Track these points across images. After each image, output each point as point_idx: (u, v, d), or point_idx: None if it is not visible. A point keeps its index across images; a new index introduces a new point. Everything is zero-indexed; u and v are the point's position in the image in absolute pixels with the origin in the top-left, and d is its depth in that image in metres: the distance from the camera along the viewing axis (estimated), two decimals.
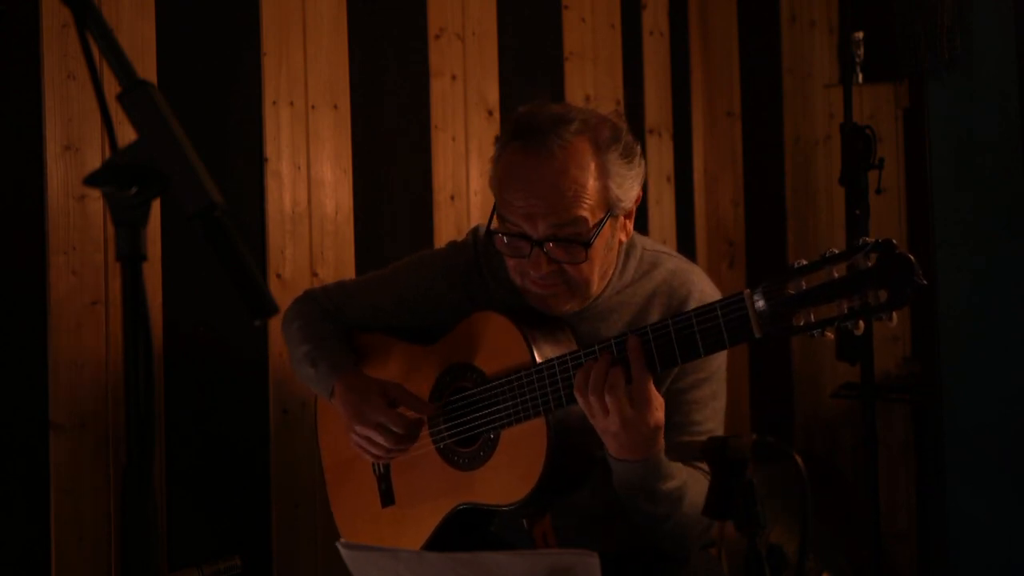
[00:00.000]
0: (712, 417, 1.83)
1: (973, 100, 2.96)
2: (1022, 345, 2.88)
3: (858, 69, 3.38)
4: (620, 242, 1.83)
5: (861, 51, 3.38)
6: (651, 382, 1.62)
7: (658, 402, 1.63)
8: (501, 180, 1.78)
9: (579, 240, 1.72)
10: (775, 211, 3.68)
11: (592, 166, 1.73)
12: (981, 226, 2.97)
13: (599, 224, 1.73)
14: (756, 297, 1.50)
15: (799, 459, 1.23)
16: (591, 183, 1.72)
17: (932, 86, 3.05)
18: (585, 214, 1.71)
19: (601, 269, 1.80)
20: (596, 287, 1.81)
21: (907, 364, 3.38)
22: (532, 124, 1.75)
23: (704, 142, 3.76)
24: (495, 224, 1.78)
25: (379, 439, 1.85)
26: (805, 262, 1.46)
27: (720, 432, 1.82)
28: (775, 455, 1.27)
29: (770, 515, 1.26)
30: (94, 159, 2.20)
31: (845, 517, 3.26)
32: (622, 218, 1.80)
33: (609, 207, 1.75)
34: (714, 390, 1.84)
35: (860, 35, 3.35)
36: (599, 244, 1.74)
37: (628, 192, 1.77)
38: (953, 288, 2.97)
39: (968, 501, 2.95)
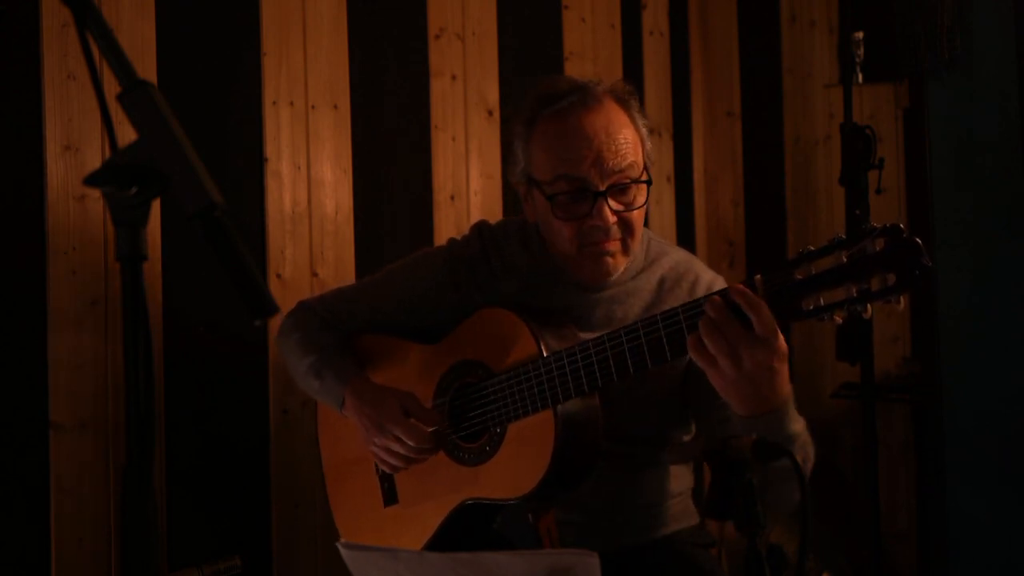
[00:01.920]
0: None
1: (973, 100, 2.96)
2: (1022, 345, 2.88)
3: (858, 69, 3.38)
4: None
5: (861, 51, 3.38)
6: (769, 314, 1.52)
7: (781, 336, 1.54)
8: (550, 145, 1.82)
9: (639, 180, 1.80)
10: (775, 211, 3.68)
11: (625, 118, 1.82)
12: (981, 226, 2.97)
13: (645, 168, 1.82)
14: (766, 281, 1.51)
15: (799, 459, 1.23)
16: (631, 132, 1.81)
17: (932, 86, 3.05)
18: (635, 158, 1.80)
19: (642, 223, 1.86)
20: (639, 243, 1.87)
21: (907, 364, 3.38)
22: (559, 89, 1.83)
23: (704, 142, 3.76)
24: (549, 191, 1.81)
25: (399, 449, 1.86)
26: (813, 248, 1.47)
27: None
28: (775, 455, 1.27)
29: (770, 515, 1.26)
30: (94, 159, 2.20)
31: (845, 517, 3.26)
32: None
33: (645, 158, 1.84)
34: None
35: (860, 35, 3.35)
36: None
37: (649, 147, 1.86)
38: (953, 288, 2.97)
39: (968, 501, 2.95)
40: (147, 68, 2.29)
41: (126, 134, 0.99)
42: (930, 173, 3.05)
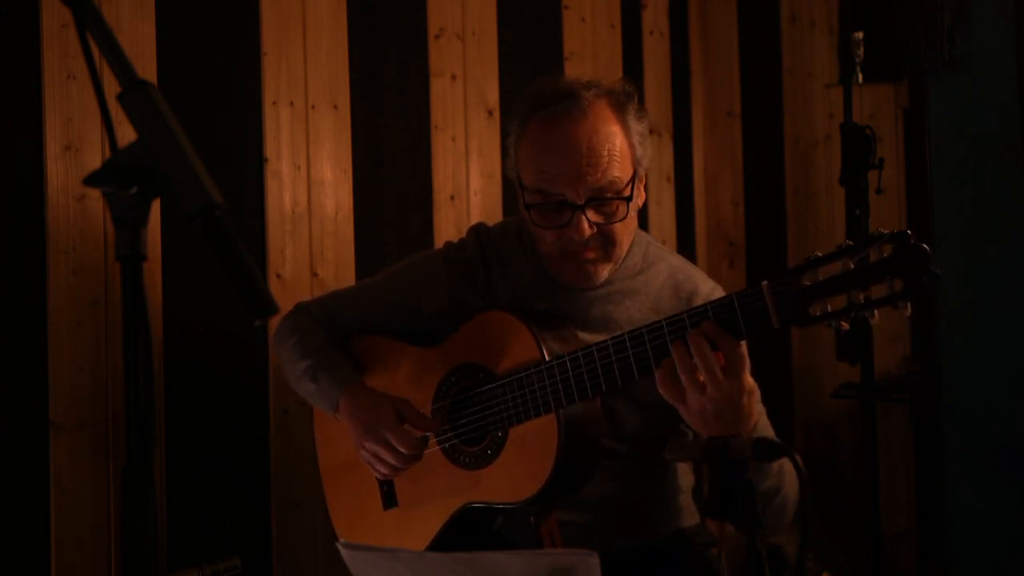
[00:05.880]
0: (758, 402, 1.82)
1: (973, 100, 2.96)
2: (1022, 345, 2.88)
3: (858, 69, 3.38)
4: (638, 206, 1.87)
5: (861, 51, 3.37)
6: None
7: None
8: (533, 152, 1.81)
9: (620, 196, 1.77)
10: (775, 211, 3.68)
11: (617, 125, 1.80)
12: (981, 226, 2.96)
13: (631, 180, 1.80)
14: (774, 288, 1.51)
15: (799, 459, 1.23)
16: (620, 141, 1.79)
17: (932, 86, 3.05)
18: (619, 173, 1.78)
19: (629, 232, 1.85)
20: (623, 251, 1.86)
21: (907, 364, 3.38)
22: (553, 92, 1.82)
23: (704, 142, 3.76)
24: (528, 200, 1.81)
25: (387, 456, 1.86)
26: (820, 254, 1.48)
27: (765, 419, 1.82)
28: (775, 455, 1.27)
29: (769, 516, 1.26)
30: (94, 159, 2.20)
31: (845, 517, 3.26)
32: (639, 180, 1.85)
33: (635, 164, 1.82)
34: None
35: (860, 35, 3.35)
36: (632, 202, 1.81)
37: (646, 150, 1.84)
38: (953, 288, 2.97)
39: (968, 501, 2.95)
40: (147, 68, 2.29)
41: (126, 134, 0.99)
42: (930, 173, 3.04)
